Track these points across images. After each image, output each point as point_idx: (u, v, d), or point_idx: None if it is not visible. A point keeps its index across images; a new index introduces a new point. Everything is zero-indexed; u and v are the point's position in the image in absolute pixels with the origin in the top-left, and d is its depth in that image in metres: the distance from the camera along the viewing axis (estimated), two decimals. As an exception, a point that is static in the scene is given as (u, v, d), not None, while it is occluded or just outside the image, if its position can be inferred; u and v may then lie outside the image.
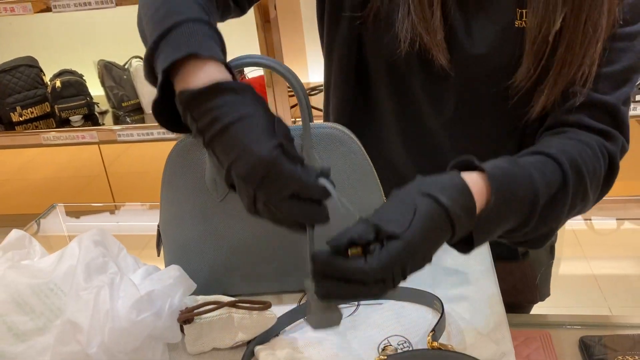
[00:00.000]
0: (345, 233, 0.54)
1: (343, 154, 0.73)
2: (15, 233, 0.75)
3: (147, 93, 2.57)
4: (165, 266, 0.76)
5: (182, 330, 0.67)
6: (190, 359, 0.69)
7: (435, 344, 0.64)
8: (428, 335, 0.65)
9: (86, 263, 0.66)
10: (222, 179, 0.55)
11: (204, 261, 0.76)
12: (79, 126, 2.58)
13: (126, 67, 2.60)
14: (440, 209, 0.56)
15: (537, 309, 1.07)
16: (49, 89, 2.65)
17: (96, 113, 2.68)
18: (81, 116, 2.63)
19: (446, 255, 0.84)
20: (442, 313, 0.68)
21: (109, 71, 2.56)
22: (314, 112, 0.79)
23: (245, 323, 0.67)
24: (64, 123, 2.62)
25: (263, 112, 0.56)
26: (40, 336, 0.64)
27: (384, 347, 0.68)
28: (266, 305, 0.67)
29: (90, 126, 2.57)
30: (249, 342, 0.69)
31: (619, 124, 0.76)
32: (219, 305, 0.65)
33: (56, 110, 2.62)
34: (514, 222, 0.65)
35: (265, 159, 0.52)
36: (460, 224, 0.58)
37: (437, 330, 0.66)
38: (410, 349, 0.67)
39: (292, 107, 2.52)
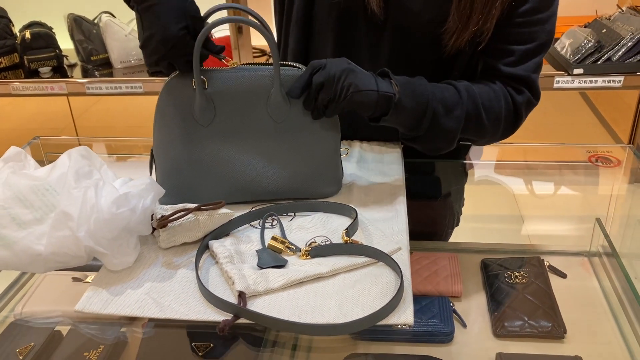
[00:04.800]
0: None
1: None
2: (13, 149, 0.90)
3: (116, 48, 2.66)
4: (158, 182, 0.94)
5: (156, 232, 0.85)
6: (157, 253, 0.87)
7: (347, 239, 0.84)
8: (342, 232, 0.85)
9: (75, 170, 0.83)
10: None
11: (189, 178, 0.93)
12: (48, 78, 2.67)
13: (96, 21, 2.67)
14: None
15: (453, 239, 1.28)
16: (18, 40, 2.70)
17: (65, 66, 2.76)
18: (50, 68, 2.70)
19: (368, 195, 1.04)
20: (356, 217, 0.88)
21: (78, 25, 2.64)
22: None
23: (207, 222, 0.85)
24: (33, 74, 2.69)
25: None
26: (38, 225, 0.81)
27: (310, 243, 0.87)
28: (221, 204, 0.85)
29: (59, 78, 2.67)
30: (204, 237, 0.87)
31: (529, 86, 1.02)
32: (188, 211, 0.83)
33: (25, 61, 2.68)
34: (413, 117, 0.94)
35: (174, 36, 0.83)
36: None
37: (350, 229, 0.85)
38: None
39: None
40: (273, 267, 0.81)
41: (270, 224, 0.92)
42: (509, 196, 1.40)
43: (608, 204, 1.21)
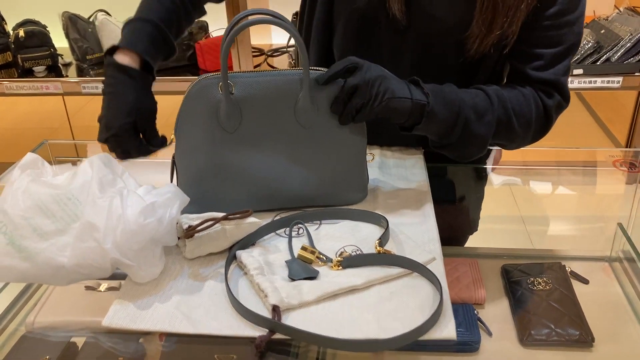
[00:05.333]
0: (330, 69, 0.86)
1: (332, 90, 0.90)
2: (29, 156, 0.87)
3: (112, 47, 2.62)
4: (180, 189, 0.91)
5: (180, 242, 0.82)
6: (182, 263, 0.84)
7: (380, 249, 0.82)
8: (375, 242, 0.82)
9: (99, 178, 0.80)
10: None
11: (213, 186, 0.91)
12: (42, 77, 2.61)
13: (91, 20, 2.63)
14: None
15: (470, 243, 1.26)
16: (12, 38, 2.65)
17: (60, 65, 2.72)
18: (44, 67, 2.65)
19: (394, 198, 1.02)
20: (387, 226, 0.85)
21: (73, 23, 2.59)
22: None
23: (234, 232, 0.82)
24: (27, 73, 2.64)
25: (134, 95, 0.92)
26: (61, 236, 0.77)
27: (341, 252, 0.85)
28: (248, 213, 0.83)
29: (53, 77, 2.62)
30: (231, 247, 0.84)
31: (559, 89, 1.00)
32: (216, 221, 0.80)
33: (19, 60, 2.63)
34: (445, 125, 0.93)
35: (117, 127, 0.90)
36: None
37: (382, 239, 0.83)
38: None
39: (255, 66, 2.64)
40: (305, 278, 0.79)
41: (296, 232, 0.90)
42: (525, 199, 1.39)
43: (630, 209, 1.20)
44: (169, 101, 1.18)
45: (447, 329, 0.71)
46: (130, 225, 0.76)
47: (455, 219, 1.22)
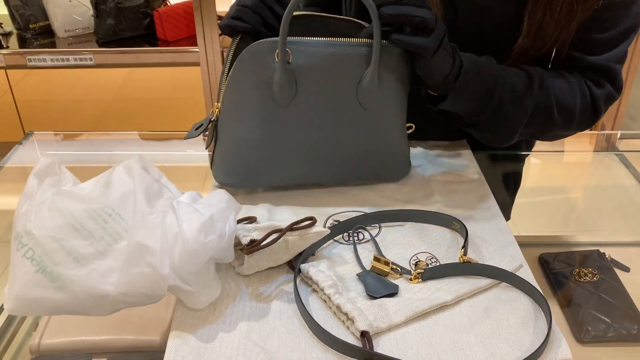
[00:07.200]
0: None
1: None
2: (44, 160, 0.73)
3: (60, 15, 2.39)
4: (218, 158, 0.87)
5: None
6: (238, 281, 0.73)
7: (465, 257, 0.73)
8: (460, 251, 0.74)
9: (144, 189, 0.67)
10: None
11: (256, 158, 0.84)
12: (-22, 47, 2.36)
13: (35, -15, 2.38)
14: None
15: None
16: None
17: (-1, 34, 2.46)
18: (-19, 36, 2.40)
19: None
20: (467, 232, 0.77)
21: (14, -12, 2.34)
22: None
23: (297, 243, 0.72)
24: (-39, 43, 2.38)
25: None
26: (102, 259, 0.65)
27: (416, 262, 0.76)
28: (313, 221, 0.72)
29: (-8, 47, 2.36)
30: (291, 261, 0.74)
31: (611, 78, 0.90)
32: (281, 233, 0.69)
33: (-48, 29, 2.36)
34: (476, 100, 0.84)
35: None
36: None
37: (466, 246, 0.75)
38: (438, 263, 0.76)
39: (220, 34, 2.46)
40: (385, 295, 0.69)
41: (356, 237, 0.80)
42: (552, 181, 1.33)
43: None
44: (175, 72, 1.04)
45: (560, 349, 0.64)
46: (190, 244, 0.64)
47: None
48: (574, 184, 1.35)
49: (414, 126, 0.89)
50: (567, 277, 0.98)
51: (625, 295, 0.95)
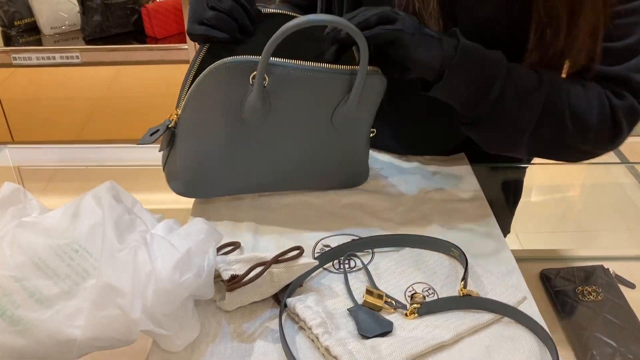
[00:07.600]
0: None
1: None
2: (8, 186, 0.67)
3: (45, 11, 2.32)
4: (173, 168, 0.82)
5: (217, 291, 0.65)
6: (219, 318, 0.68)
7: (465, 290, 0.68)
8: (460, 283, 0.68)
9: (114, 221, 0.61)
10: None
11: (216, 171, 0.81)
12: (-39, 46, 2.29)
13: (19, -20, 2.31)
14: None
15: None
16: None
17: (-19, 32, 2.39)
18: (-36, 34, 2.33)
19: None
20: (466, 262, 0.71)
21: (-3, -16, 2.27)
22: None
23: (282, 276, 0.66)
24: (-59, 41, 2.31)
25: None
26: (68, 300, 0.59)
27: (412, 294, 0.70)
28: (300, 252, 0.67)
29: (-26, 46, 2.30)
30: (276, 294, 0.68)
31: (633, 89, 0.82)
32: (265, 266, 0.64)
33: None
34: (472, 87, 0.76)
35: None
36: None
37: (466, 277, 0.69)
38: (435, 295, 0.70)
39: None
40: (379, 335, 0.64)
41: (347, 264, 0.74)
42: (553, 194, 1.28)
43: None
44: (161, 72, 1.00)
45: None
46: (164, 284, 0.58)
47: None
48: (576, 195, 1.30)
49: (375, 130, 0.85)
50: (570, 296, 0.93)
51: (632, 315, 0.90)
